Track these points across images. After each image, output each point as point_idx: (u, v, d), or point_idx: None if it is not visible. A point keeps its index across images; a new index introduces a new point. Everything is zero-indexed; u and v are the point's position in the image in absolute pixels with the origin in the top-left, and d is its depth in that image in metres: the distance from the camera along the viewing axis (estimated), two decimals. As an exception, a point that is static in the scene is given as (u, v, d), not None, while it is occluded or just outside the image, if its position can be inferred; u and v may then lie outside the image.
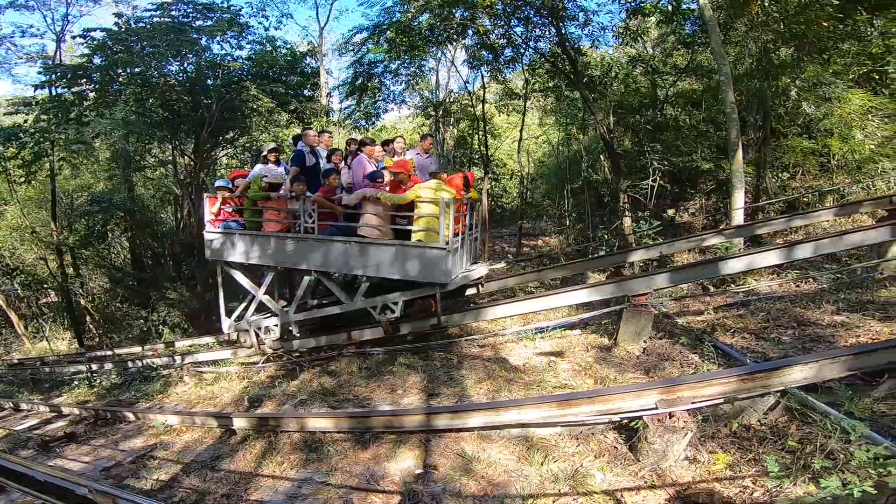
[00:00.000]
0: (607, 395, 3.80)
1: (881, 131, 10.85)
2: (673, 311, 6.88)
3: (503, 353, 6.34)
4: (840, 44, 11.99)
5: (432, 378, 5.85)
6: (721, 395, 3.51)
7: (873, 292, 6.11)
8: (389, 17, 14.25)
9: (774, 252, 5.99)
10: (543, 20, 13.35)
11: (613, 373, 5.18)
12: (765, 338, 5.33)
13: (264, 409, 5.89)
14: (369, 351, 7.23)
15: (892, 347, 3.55)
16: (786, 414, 3.56)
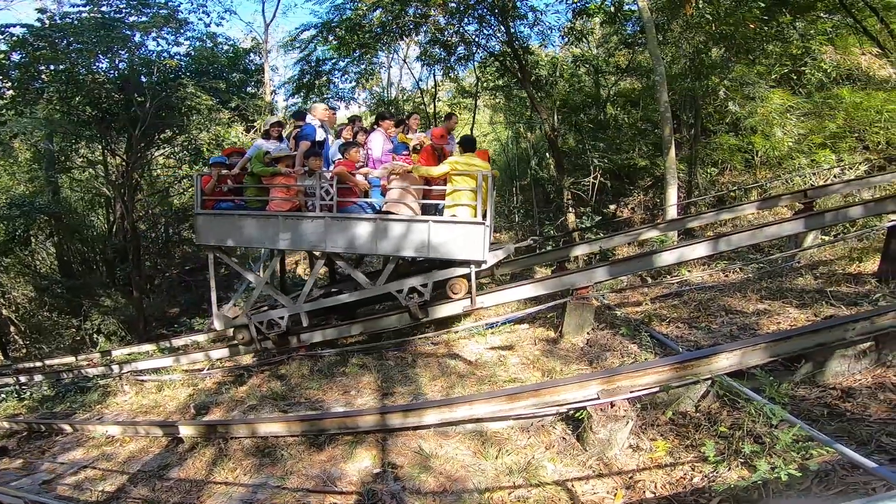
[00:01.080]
0: (552, 387, 3.98)
1: (798, 129, 11.76)
2: (614, 302, 7.23)
3: (456, 350, 6.45)
4: (765, 45, 12.90)
5: (386, 377, 5.90)
6: (656, 383, 3.76)
7: (792, 281, 6.67)
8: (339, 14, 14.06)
9: (702, 244, 6.42)
10: (495, 19, 13.57)
11: (559, 365, 5.41)
12: (697, 326, 5.72)
13: (212, 416, 5.75)
14: (320, 353, 7.17)
15: (806, 334, 3.90)
16: (717, 400, 3.83)
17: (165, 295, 17.80)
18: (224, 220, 7.08)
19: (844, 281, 6.25)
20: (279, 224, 6.78)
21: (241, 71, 16.73)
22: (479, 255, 6.19)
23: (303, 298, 7.11)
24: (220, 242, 7.27)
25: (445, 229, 6.19)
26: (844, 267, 6.81)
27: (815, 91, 12.84)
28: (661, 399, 3.90)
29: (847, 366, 4.08)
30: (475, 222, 6.14)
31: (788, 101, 12.20)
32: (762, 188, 11.38)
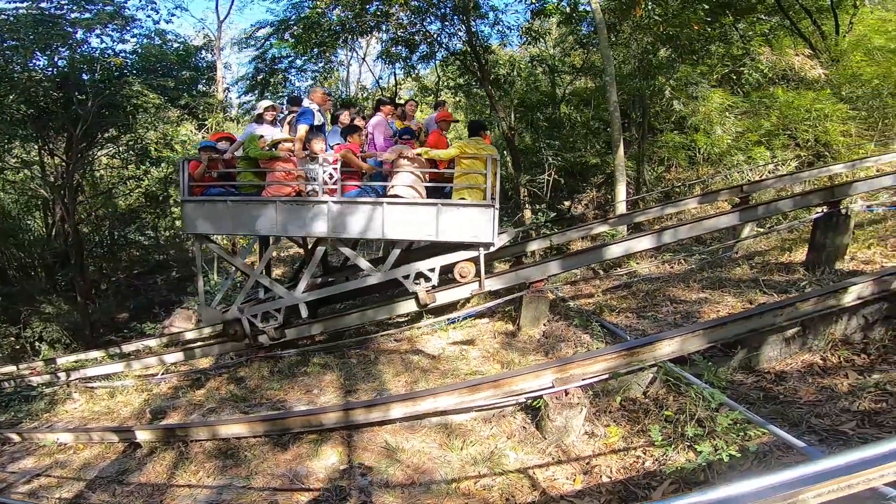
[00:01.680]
0: (510, 377, 4.14)
1: (736, 127, 12.48)
2: (568, 294, 7.54)
3: (419, 346, 6.56)
4: (709, 46, 13.59)
5: (349, 375, 5.95)
6: (606, 370, 3.99)
7: (730, 270, 7.15)
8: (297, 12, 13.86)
9: (647, 237, 6.77)
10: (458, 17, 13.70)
11: (517, 356, 5.63)
12: (644, 315, 6.06)
13: (170, 421, 5.66)
14: (280, 354, 7.12)
15: (739, 320, 4.22)
16: (663, 386, 4.08)
17: (113, 300, 17.05)
18: (215, 208, 6.72)
19: (777, 270, 6.78)
20: (278, 210, 6.51)
21: (191, 68, 16.23)
22: (487, 237, 6.25)
23: (301, 288, 6.86)
24: (210, 231, 6.92)
25: (454, 213, 6.19)
26: (777, 257, 7.37)
27: (752, 91, 13.64)
28: (611, 386, 4.13)
29: (779, 351, 4.45)
30: (484, 205, 6.18)
31: (728, 101, 12.92)
32: (704, 184, 12.04)
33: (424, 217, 6.23)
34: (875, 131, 11.94)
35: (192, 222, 6.90)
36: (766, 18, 14.53)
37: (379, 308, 7.08)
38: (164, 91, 14.26)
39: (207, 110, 16.22)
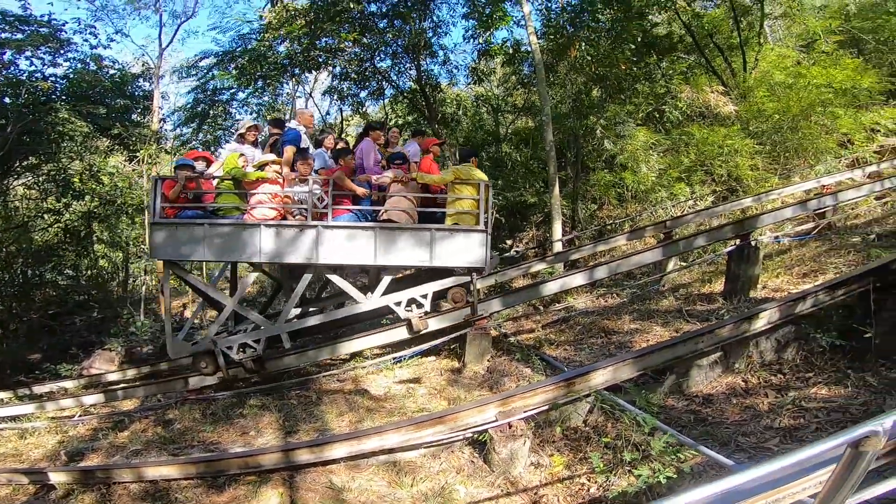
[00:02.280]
0: (455, 413, 4.22)
1: (659, 164, 13.30)
2: (511, 330, 7.75)
3: (364, 385, 6.49)
4: (635, 85, 14.62)
5: (289, 416, 5.78)
6: (545, 402, 4.15)
7: (658, 302, 7.65)
8: (244, 43, 13.79)
9: (580, 274, 7.12)
10: (408, 56, 14.07)
11: (463, 392, 5.70)
12: (580, 347, 6.36)
13: (89, 463, 5.29)
14: (213, 396, 6.79)
15: (664, 348, 4.55)
16: (602, 414, 4.24)
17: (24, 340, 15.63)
18: (190, 231, 6.27)
19: (699, 300, 7.34)
20: (262, 235, 6.20)
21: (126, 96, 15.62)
22: (480, 262, 6.28)
23: (284, 317, 6.57)
24: (183, 257, 6.48)
25: (448, 238, 6.21)
26: (699, 288, 7.99)
27: (673, 128, 14.64)
28: (552, 416, 4.28)
29: (705, 374, 4.80)
30: (477, 230, 6.23)
31: (651, 139, 13.80)
32: (633, 220, 12.84)
33: (419, 242, 6.21)
34: (779, 164, 13.04)
35: (161, 247, 6.38)
36: (686, 57, 15.84)
37: (320, 349, 6.91)
38: (94, 119, 13.63)
39: (140, 141, 15.60)
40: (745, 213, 9.77)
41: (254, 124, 7.20)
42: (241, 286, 6.92)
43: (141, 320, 13.55)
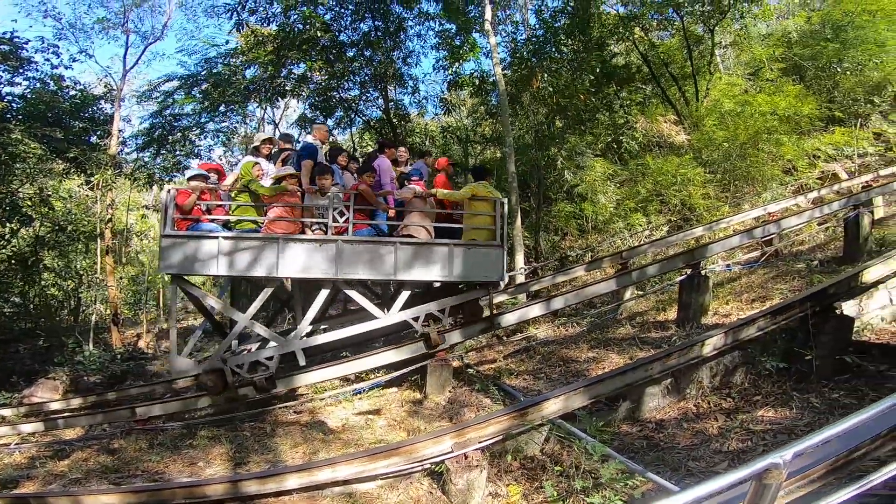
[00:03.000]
0: (411, 444, 4.17)
1: (616, 195, 13.62)
2: (473, 361, 7.74)
3: (321, 417, 6.36)
4: (595, 115, 15.02)
5: (241, 448, 5.58)
6: (500, 432, 4.16)
7: (615, 330, 7.81)
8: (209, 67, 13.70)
9: (539, 305, 7.20)
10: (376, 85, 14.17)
11: (424, 424, 5.65)
12: (539, 377, 6.42)
13: (23, 490, 4.99)
14: (162, 426, 6.51)
15: (616, 376, 4.63)
16: (557, 442, 4.28)
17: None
18: (203, 245, 6.06)
19: (653, 328, 7.53)
20: (281, 249, 6.08)
21: (85, 119, 15.22)
22: (497, 276, 6.47)
23: (299, 334, 6.40)
24: (195, 271, 6.22)
25: (466, 253, 6.36)
26: (654, 316, 8.20)
27: (630, 159, 14.99)
28: (510, 446, 4.29)
29: (658, 400, 4.91)
30: (494, 245, 6.45)
31: (609, 169, 14.13)
32: (592, 251, 13.10)
33: (438, 257, 6.31)
34: (729, 192, 13.41)
35: (171, 260, 6.08)
36: (643, 87, 16.38)
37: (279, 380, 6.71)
38: (49, 141, 13.18)
39: (97, 165, 15.16)
40: (698, 242, 10.08)
41: (268, 137, 7.12)
42: (256, 301, 6.61)
43: (89, 349, 12.90)
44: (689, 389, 5.00)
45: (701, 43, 17.01)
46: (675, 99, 16.34)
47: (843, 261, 8.25)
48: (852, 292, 5.57)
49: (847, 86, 17.58)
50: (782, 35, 20.60)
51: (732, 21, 16.78)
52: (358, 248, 6.27)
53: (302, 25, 12.08)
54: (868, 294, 5.81)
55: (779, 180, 13.81)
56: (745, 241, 9.03)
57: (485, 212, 6.65)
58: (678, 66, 17.08)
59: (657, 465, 3.87)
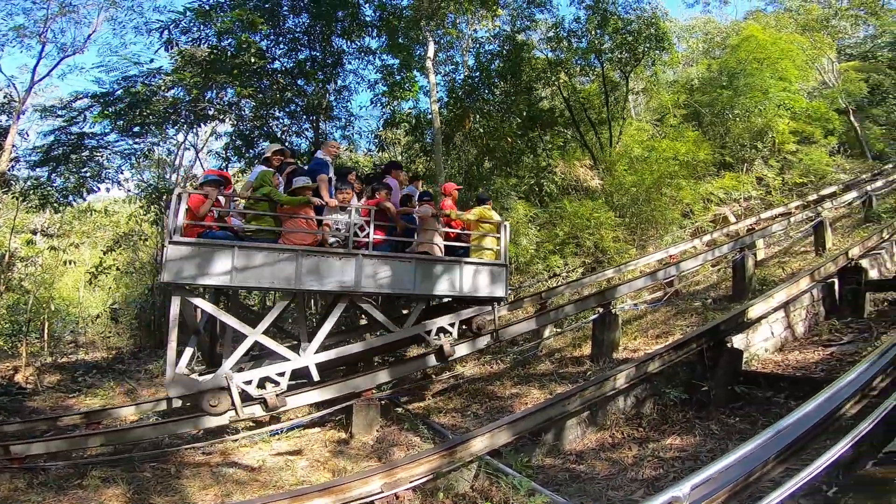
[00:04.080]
0: (338, 485, 4.04)
1: (537, 237, 14.05)
2: (402, 399, 7.68)
3: (234, 458, 5.97)
4: (521, 157, 15.59)
5: (141, 489, 5.09)
6: (429, 471, 4.18)
7: (536, 366, 8.14)
8: (128, 84, 12.76)
9: (465, 344, 7.31)
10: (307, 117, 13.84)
11: (350, 464, 5.50)
12: (466, 414, 6.52)
13: None
14: (42, 465, 5.72)
15: (537, 412, 4.83)
16: (487, 479, 4.34)
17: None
18: (215, 253, 5.74)
19: (571, 363, 7.95)
20: (300, 261, 5.95)
21: (-27, 132, 13.59)
22: (501, 293, 7.03)
23: (313, 348, 6.23)
24: (204, 281, 5.81)
25: (474, 270, 6.87)
26: (571, 352, 8.65)
27: (550, 201, 15.55)
28: (441, 484, 4.30)
29: (576, 432, 5.17)
30: (499, 264, 7.05)
31: (530, 212, 14.57)
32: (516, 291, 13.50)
33: (450, 273, 6.75)
34: (636, 235, 14.31)
35: (177, 269, 5.66)
36: (564, 131, 17.37)
37: (181, 421, 6.26)
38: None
39: (-21, 184, 13.53)
40: (609, 283, 10.82)
41: (280, 149, 7.02)
42: (269, 315, 6.39)
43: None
44: (605, 421, 5.34)
45: (617, 89, 18.25)
46: (592, 144, 17.23)
47: (733, 299, 9.25)
48: (740, 327, 6.29)
49: (736, 132, 19.70)
50: (686, 82, 22.91)
51: (645, 68, 18.27)
52: (378, 262, 6.45)
53: (235, 49, 11.79)
54: (753, 328, 6.54)
55: (678, 223, 15.01)
56: (649, 282, 9.87)
57: (489, 233, 7.37)
58: (596, 111, 18.14)
59: (580, 496, 4.06)
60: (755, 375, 5.73)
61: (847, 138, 24.18)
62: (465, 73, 18.06)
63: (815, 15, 27.20)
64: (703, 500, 2.19)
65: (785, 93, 19.40)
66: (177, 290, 5.95)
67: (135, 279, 17.17)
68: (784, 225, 13.34)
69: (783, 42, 20.63)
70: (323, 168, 6.77)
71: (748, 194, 18.43)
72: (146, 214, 14.92)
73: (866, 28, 29.28)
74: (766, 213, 15.67)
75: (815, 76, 25.38)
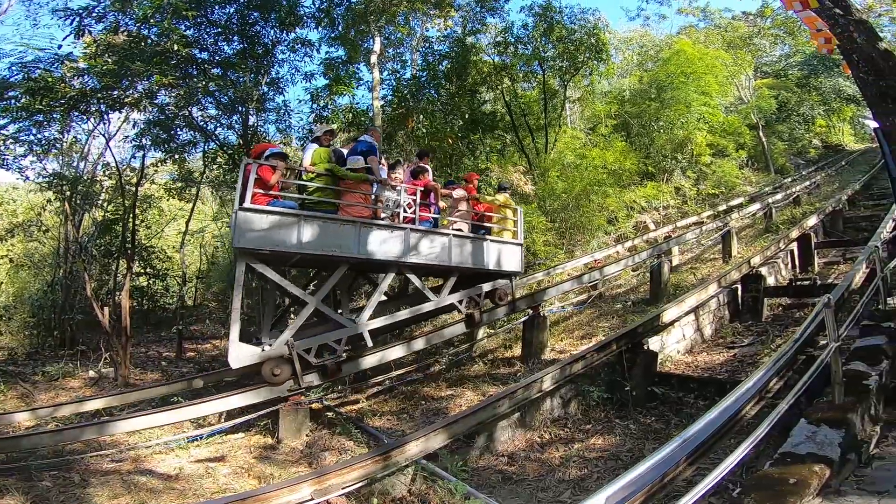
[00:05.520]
0: (265, 492, 3.90)
1: None
2: (334, 402, 7.46)
3: (148, 465, 5.60)
4: (461, 160, 15.64)
5: (41, 499, 4.70)
6: (363, 476, 4.14)
7: (470, 368, 8.27)
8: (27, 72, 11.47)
9: (399, 346, 7.35)
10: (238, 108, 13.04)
11: (277, 470, 5.32)
12: (402, 417, 6.51)
13: None
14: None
15: (470, 415, 4.93)
16: (425, 483, 4.37)
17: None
18: (283, 221, 6.05)
19: (503, 364, 8.17)
20: (360, 231, 6.45)
21: None
22: (518, 267, 8.21)
23: (366, 316, 6.71)
24: (271, 246, 5.98)
25: (498, 247, 7.88)
26: (503, 353, 8.89)
27: None
28: (377, 488, 4.26)
29: (508, 433, 5.33)
30: (516, 243, 8.19)
31: None
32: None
33: (479, 249, 7.62)
34: (566, 240, 14.79)
35: (247, 235, 5.88)
36: (504, 135, 17.59)
37: (85, 427, 5.78)
38: None
39: None
40: (539, 285, 11.18)
41: (330, 129, 7.43)
42: (327, 283, 6.68)
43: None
44: (534, 422, 5.55)
45: (555, 96, 18.83)
46: (529, 149, 17.67)
47: (650, 302, 9.90)
48: (656, 330, 6.76)
49: (660, 143, 21.03)
50: (618, 93, 24.08)
51: (583, 77, 18.97)
52: (422, 236, 7.06)
53: (156, 37, 10.96)
54: (667, 331, 7.06)
55: (604, 229, 15.82)
56: (576, 285, 10.34)
57: (509, 216, 8.41)
58: (535, 117, 18.67)
59: (513, 498, 4.17)
60: (668, 376, 6.20)
61: (755, 152, 26.63)
62: (413, 72, 17.97)
63: (741, 33, 29.56)
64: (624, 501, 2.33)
65: (705, 107, 20.98)
66: (242, 256, 6.10)
67: (32, 273, 15.56)
68: (697, 233, 14.48)
69: (709, 58, 22.31)
70: (373, 150, 7.21)
71: (667, 203, 19.76)
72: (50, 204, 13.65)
73: (783, 47, 32.32)
74: (682, 221, 16.93)
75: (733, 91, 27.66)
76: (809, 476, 2.74)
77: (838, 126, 31.44)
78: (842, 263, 10.66)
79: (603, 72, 19.39)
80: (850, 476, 3.06)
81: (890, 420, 3.76)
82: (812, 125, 30.72)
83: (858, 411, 3.34)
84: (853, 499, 2.82)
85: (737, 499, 2.62)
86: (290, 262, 6.80)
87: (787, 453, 2.96)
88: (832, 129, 31.34)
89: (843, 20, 5.37)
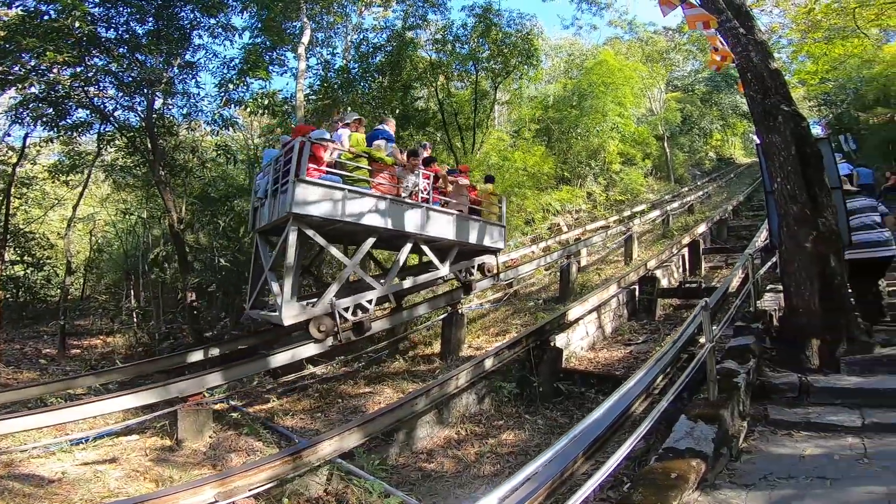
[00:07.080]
0: (163, 496, 3.70)
1: None
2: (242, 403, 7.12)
3: (25, 470, 5.10)
4: None
5: None
6: (273, 478, 4.03)
7: (390, 365, 8.28)
8: None
9: (312, 344, 7.02)
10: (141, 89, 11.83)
11: (178, 473, 5.03)
12: (317, 416, 6.39)
13: None
14: None
15: (387, 413, 4.96)
16: (342, 482, 4.32)
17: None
18: (331, 193, 6.88)
19: (422, 361, 8.27)
20: (388, 206, 7.34)
21: None
22: (503, 245, 9.58)
23: (390, 280, 7.67)
24: (319, 213, 6.76)
25: (487, 227, 9.03)
26: (423, 350, 9.00)
27: None
28: (288, 489, 4.16)
29: (426, 430, 5.42)
30: (500, 224, 9.40)
31: None
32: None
33: (475, 228, 8.77)
34: None
35: (303, 203, 6.63)
36: (434, 133, 17.47)
37: None
38: None
39: None
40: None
41: (358, 118, 8.10)
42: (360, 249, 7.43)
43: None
44: (451, 418, 5.70)
45: (486, 97, 19.16)
46: (457, 149, 17.83)
47: (559, 300, 10.49)
48: (562, 327, 7.19)
49: (577, 149, 22.23)
50: (543, 99, 25.01)
51: (513, 81, 19.40)
52: (434, 214, 8.02)
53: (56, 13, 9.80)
54: (572, 328, 7.51)
55: (521, 230, 16.58)
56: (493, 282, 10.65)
57: (494, 202, 9.65)
58: (465, 116, 18.87)
59: (431, 496, 4.24)
60: (572, 372, 6.61)
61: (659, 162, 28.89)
62: (345, 62, 17.48)
63: (660, 47, 31.68)
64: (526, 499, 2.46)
65: (619, 117, 22.39)
66: (296, 221, 6.71)
67: None
68: (603, 237, 15.49)
69: (628, 69, 23.80)
70: (392, 138, 8.26)
71: (579, 207, 20.96)
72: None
73: (694, 63, 34.99)
74: (591, 224, 18.05)
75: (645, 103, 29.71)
76: (688, 471, 2.87)
77: (731, 140, 34.92)
78: (724, 268, 11.91)
79: (532, 77, 19.99)
80: (723, 470, 3.26)
81: (755, 415, 4.14)
82: (709, 138, 33.78)
83: (729, 407, 3.60)
84: (726, 492, 2.99)
85: (627, 493, 2.84)
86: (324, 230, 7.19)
87: (669, 448, 3.14)
88: (726, 143, 34.75)
89: (745, 39, 5.62)
